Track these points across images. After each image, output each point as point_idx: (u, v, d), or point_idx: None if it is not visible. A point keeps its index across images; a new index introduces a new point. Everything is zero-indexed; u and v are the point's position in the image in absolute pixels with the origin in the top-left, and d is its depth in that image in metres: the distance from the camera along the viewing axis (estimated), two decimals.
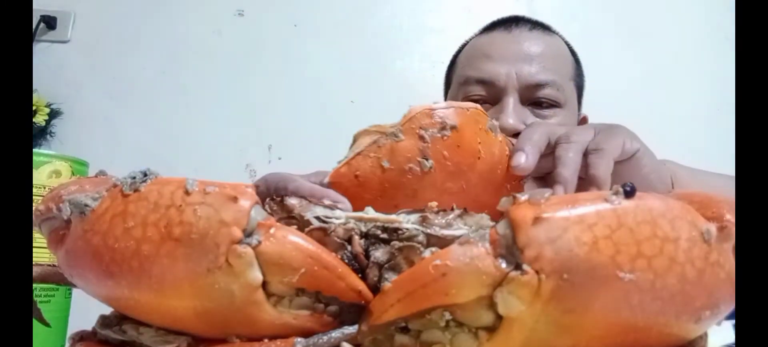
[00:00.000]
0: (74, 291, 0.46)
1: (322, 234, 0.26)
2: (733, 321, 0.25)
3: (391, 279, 0.25)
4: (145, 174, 0.26)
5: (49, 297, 0.44)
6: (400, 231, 0.26)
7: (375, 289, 0.25)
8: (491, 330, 0.23)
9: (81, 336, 0.30)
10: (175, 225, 0.24)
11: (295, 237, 0.24)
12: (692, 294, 0.23)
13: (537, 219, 0.22)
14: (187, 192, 0.25)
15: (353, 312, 0.25)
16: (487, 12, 0.94)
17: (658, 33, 1.53)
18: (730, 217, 0.24)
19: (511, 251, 0.22)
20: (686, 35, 1.53)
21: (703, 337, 0.25)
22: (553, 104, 0.72)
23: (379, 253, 0.26)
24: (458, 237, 0.25)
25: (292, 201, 0.28)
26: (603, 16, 1.55)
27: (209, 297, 0.24)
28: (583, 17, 1.52)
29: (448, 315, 0.23)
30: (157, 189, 0.25)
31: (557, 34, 0.80)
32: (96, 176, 0.31)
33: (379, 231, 0.26)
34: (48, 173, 0.47)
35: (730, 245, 0.24)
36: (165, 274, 0.24)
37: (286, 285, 0.24)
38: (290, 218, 0.27)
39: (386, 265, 0.25)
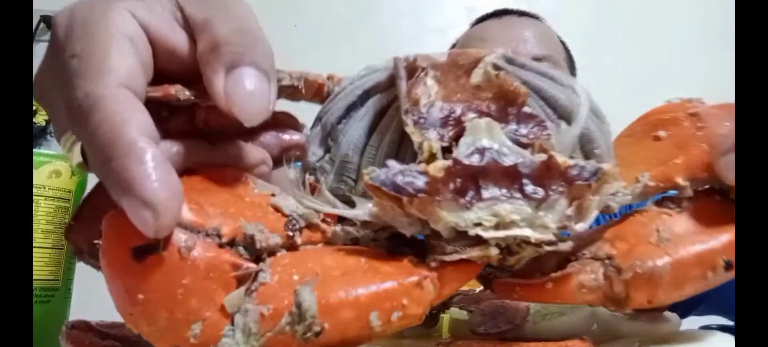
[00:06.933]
0: (74, 291, 0.46)
1: None
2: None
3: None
4: None
5: (49, 297, 0.44)
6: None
7: None
8: None
9: (73, 325, 0.30)
10: None
11: None
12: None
13: None
14: None
15: None
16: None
17: (658, 32, 1.53)
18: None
19: None
20: (686, 35, 1.53)
21: None
22: None
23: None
24: None
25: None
26: (603, 16, 1.55)
27: None
28: (584, 16, 1.52)
29: None
30: None
31: (546, 23, 0.82)
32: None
33: None
34: (48, 173, 0.47)
35: None
36: None
37: None
38: None
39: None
